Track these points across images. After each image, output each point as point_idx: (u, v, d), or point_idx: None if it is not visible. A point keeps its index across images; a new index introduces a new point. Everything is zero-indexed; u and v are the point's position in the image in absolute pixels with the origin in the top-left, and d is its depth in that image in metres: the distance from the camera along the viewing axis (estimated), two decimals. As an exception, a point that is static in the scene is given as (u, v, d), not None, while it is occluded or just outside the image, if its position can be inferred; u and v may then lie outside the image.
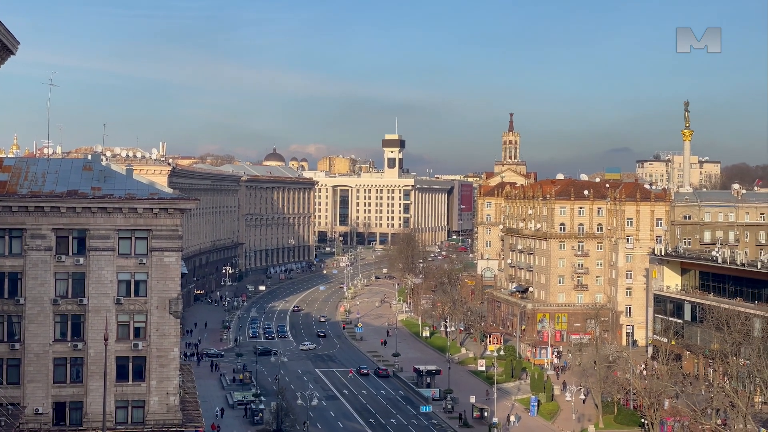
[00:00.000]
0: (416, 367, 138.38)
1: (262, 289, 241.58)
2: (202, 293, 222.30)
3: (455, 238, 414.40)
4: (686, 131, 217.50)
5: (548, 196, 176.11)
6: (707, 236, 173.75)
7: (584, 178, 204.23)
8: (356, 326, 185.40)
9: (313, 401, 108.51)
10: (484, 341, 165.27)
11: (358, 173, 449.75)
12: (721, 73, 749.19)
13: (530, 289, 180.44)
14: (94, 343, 69.81)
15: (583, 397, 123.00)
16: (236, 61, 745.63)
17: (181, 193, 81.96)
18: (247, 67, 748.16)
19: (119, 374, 70.97)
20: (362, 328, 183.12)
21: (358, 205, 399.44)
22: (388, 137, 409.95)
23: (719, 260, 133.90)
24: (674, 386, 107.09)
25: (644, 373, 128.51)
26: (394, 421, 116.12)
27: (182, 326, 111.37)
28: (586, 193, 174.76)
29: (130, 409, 71.38)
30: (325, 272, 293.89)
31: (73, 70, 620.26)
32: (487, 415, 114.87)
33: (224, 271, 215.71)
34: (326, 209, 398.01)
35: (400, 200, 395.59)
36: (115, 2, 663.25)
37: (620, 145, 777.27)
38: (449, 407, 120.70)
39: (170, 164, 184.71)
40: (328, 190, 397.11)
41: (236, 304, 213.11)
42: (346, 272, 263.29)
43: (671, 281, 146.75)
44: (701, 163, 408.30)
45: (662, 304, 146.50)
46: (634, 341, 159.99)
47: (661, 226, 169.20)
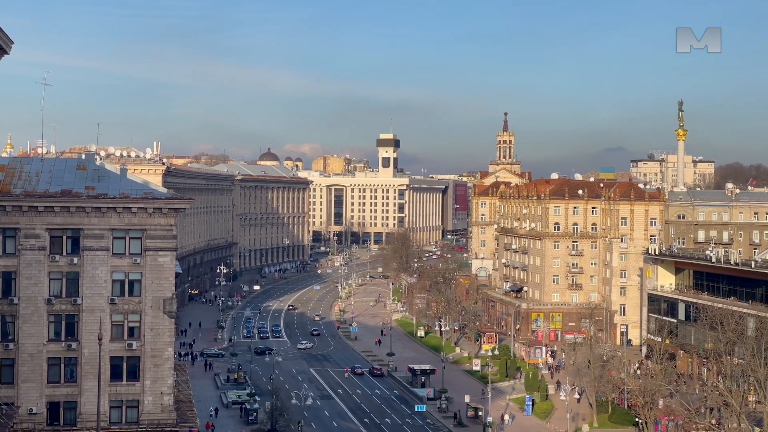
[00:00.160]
0: (411, 366, 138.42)
1: (256, 288, 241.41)
2: (196, 293, 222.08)
3: (450, 237, 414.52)
4: (680, 131, 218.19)
5: (543, 195, 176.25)
6: (701, 236, 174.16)
7: (578, 177, 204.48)
8: (351, 326, 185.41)
9: (307, 401, 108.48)
10: (478, 341, 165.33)
11: (352, 173, 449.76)
12: (714, 73, 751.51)
13: (525, 288, 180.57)
14: (88, 342, 69.72)
15: (577, 396, 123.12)
16: (231, 60, 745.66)
17: (175, 192, 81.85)
18: (241, 66, 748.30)
19: (113, 374, 70.85)
20: (357, 327, 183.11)
21: (352, 204, 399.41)
22: (382, 137, 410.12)
23: (713, 260, 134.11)
24: (668, 385, 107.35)
25: (638, 372, 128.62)
26: (388, 420, 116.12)
27: (177, 326, 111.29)
28: (580, 192, 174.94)
29: (124, 408, 71.31)
30: (319, 272, 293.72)
31: (67, 69, 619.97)
32: (481, 414, 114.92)
33: (219, 270, 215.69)
34: (321, 209, 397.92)
35: (394, 200, 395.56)
36: (109, 1, 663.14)
37: (614, 144, 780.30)
38: (444, 407, 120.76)
39: (164, 164, 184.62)
40: (322, 189, 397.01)
41: (231, 303, 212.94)
42: (340, 272, 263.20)
43: (665, 281, 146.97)
44: (695, 162, 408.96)
45: (656, 303, 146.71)
46: (628, 340, 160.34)
47: (655, 225, 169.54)
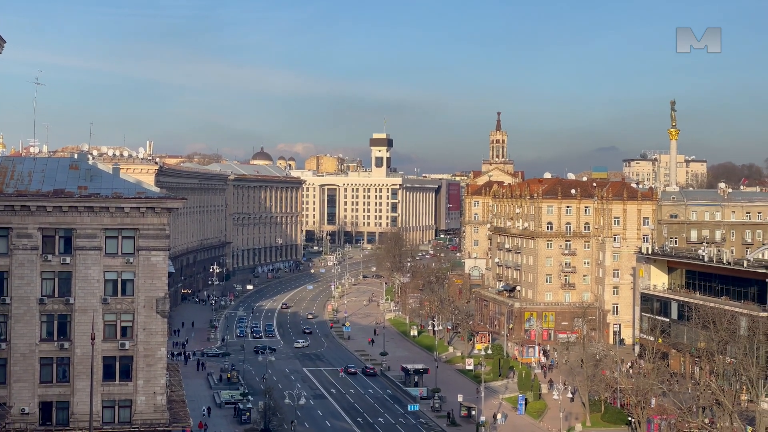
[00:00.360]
0: (404, 366, 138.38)
1: (249, 288, 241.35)
2: (189, 292, 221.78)
3: (443, 237, 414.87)
4: (673, 130, 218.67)
5: (535, 195, 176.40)
6: (694, 235, 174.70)
7: (571, 177, 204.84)
8: (344, 325, 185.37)
9: (300, 400, 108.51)
10: (471, 340, 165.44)
11: (345, 172, 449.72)
12: (707, 73, 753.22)
13: (517, 287, 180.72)
14: (80, 342, 69.56)
15: (570, 395, 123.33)
16: (224, 60, 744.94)
17: (168, 192, 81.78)
18: (234, 66, 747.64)
19: (106, 374, 70.71)
20: (350, 327, 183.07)
21: (345, 204, 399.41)
22: (375, 136, 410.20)
23: (705, 259, 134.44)
24: (661, 384, 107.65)
25: (631, 371, 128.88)
26: (381, 420, 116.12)
27: (169, 326, 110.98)
28: (573, 192, 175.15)
29: (117, 408, 71.16)
30: (312, 271, 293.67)
31: (60, 68, 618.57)
32: (474, 413, 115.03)
33: (211, 270, 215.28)
34: (314, 208, 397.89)
35: (387, 199, 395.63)
36: (103, 1, 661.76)
37: (607, 144, 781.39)
38: (437, 406, 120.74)
39: (157, 163, 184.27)
40: (315, 189, 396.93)
41: (223, 303, 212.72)
42: (333, 271, 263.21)
43: (658, 280, 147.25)
44: (688, 162, 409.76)
45: (649, 302, 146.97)
46: (621, 340, 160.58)
47: (647, 225, 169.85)
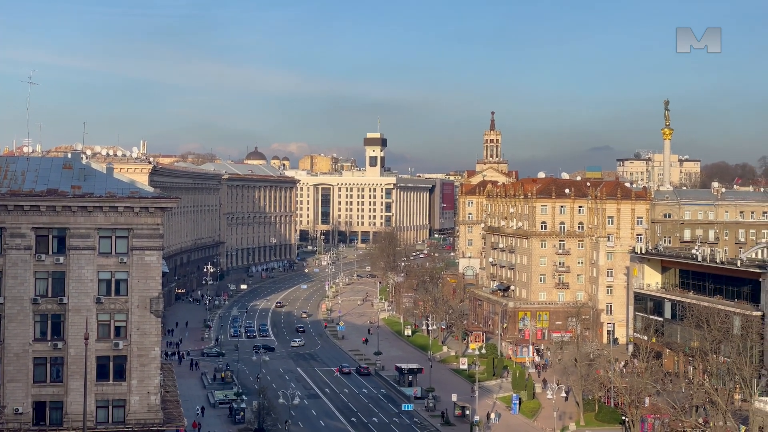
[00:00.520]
0: (398, 365, 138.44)
1: (243, 287, 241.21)
2: (183, 292, 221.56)
3: (437, 236, 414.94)
4: (666, 130, 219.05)
5: (529, 194, 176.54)
6: (687, 234, 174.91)
7: (565, 176, 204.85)
8: (338, 325, 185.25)
9: (294, 400, 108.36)
10: (465, 339, 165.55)
11: (339, 172, 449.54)
12: (700, 72, 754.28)
13: (511, 287, 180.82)
14: (74, 342, 69.42)
15: (564, 394, 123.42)
16: (218, 59, 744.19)
17: (162, 191, 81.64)
18: (228, 65, 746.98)
19: (100, 374, 70.59)
20: (344, 326, 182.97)
21: (339, 203, 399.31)
22: (369, 136, 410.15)
23: (699, 258, 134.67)
24: (654, 384, 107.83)
25: (625, 370, 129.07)
26: (375, 419, 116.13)
27: (163, 325, 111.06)
28: (567, 191, 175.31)
29: (110, 408, 71.03)
30: (306, 271, 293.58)
31: (53, 68, 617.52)
32: (468, 413, 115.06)
33: (205, 269, 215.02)
34: (308, 208, 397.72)
35: (381, 199, 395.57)
36: (96, 0, 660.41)
37: (601, 143, 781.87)
38: (431, 405, 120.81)
39: (151, 163, 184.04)
40: (309, 188, 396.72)
41: (217, 303, 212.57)
42: (327, 271, 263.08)
43: (651, 279, 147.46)
44: (681, 161, 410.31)
45: (643, 302, 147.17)
46: (614, 339, 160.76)
47: (641, 224, 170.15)
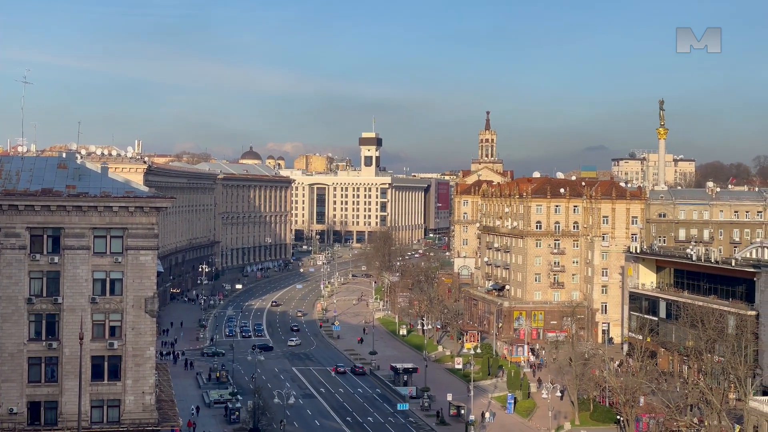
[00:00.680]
0: (393, 365, 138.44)
1: (238, 287, 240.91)
2: (178, 292, 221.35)
3: (432, 236, 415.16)
4: (661, 130, 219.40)
5: (524, 194, 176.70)
6: (682, 234, 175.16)
7: (560, 176, 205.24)
8: (333, 324, 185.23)
9: (289, 400, 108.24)
10: (460, 339, 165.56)
11: (335, 171, 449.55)
12: (695, 72, 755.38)
13: (507, 287, 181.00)
14: (69, 342, 69.30)
15: (559, 394, 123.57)
16: (213, 59, 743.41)
17: (157, 191, 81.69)
18: (224, 65, 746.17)
19: (94, 373, 70.43)
20: (339, 326, 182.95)
21: (334, 203, 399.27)
22: (365, 135, 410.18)
23: (694, 258, 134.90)
24: (649, 383, 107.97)
25: (619, 370, 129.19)
26: (371, 419, 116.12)
27: (158, 325, 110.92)
28: (562, 191, 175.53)
29: (105, 408, 70.90)
30: (301, 270, 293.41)
31: (48, 67, 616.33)
32: (464, 412, 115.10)
33: (200, 269, 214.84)
34: (303, 207, 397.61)
35: (377, 198, 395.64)
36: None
37: (596, 143, 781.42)
38: (426, 405, 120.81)
39: (146, 162, 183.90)
40: (305, 188, 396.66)
41: (213, 302, 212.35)
42: (323, 270, 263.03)
43: (646, 279, 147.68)
44: (676, 161, 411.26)
45: (637, 301, 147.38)
46: (609, 338, 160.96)
47: (636, 224, 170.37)
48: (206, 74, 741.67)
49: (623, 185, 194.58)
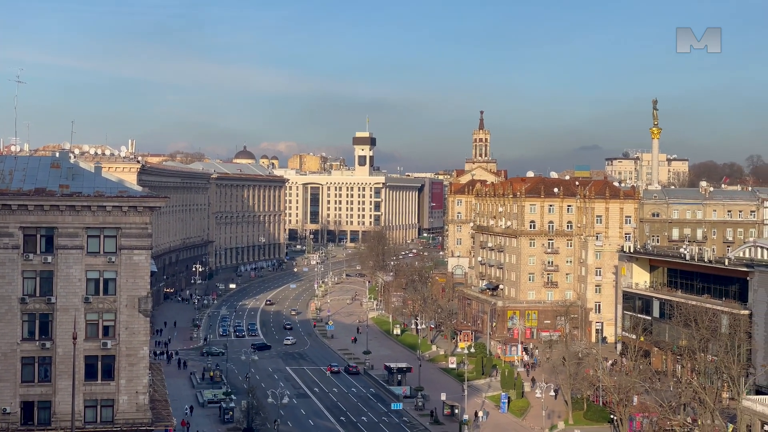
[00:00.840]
0: (387, 364, 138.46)
1: (232, 287, 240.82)
2: (171, 291, 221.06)
3: (426, 235, 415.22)
4: (654, 129, 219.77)
5: (518, 193, 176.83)
6: (675, 233, 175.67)
7: (554, 175, 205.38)
8: (327, 324, 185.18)
9: (283, 399, 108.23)
10: (454, 339, 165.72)
11: (328, 171, 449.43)
12: (689, 72, 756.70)
13: (500, 286, 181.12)
14: (62, 342, 69.12)
15: (553, 393, 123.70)
16: (207, 58, 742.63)
17: (150, 190, 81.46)
18: (217, 64, 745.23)
19: (88, 373, 70.28)
20: (333, 325, 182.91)
21: (328, 202, 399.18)
22: (358, 135, 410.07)
23: (687, 257, 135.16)
24: (643, 382, 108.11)
25: (613, 369, 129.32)
26: (365, 418, 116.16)
27: (152, 325, 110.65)
28: (555, 190, 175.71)
29: (99, 408, 70.71)
30: (295, 270, 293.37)
31: (41, 66, 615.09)
32: (457, 412, 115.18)
33: (194, 269, 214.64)
34: (297, 207, 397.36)
35: (370, 198, 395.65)
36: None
37: (589, 142, 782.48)
38: (420, 404, 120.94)
39: (139, 162, 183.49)
40: (298, 187, 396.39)
41: (206, 302, 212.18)
42: (316, 270, 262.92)
43: (640, 278, 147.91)
44: (669, 161, 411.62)
45: (631, 301, 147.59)
46: (603, 338, 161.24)
47: (629, 223, 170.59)
48: (200, 74, 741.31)
49: (617, 185, 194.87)
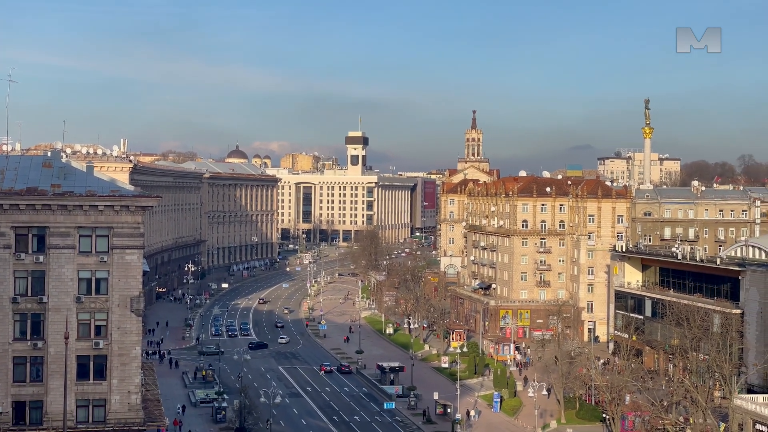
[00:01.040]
0: (379, 364, 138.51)
1: (224, 286, 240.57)
2: (164, 291, 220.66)
3: (418, 235, 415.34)
4: (647, 129, 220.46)
5: (511, 193, 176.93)
6: (667, 233, 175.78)
7: (546, 175, 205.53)
8: (319, 323, 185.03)
9: (276, 399, 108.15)
10: (447, 338, 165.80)
11: (321, 170, 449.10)
12: (681, 71, 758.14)
13: (493, 285, 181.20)
14: (54, 341, 68.94)
15: (545, 392, 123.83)
16: (199, 57, 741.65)
17: (142, 190, 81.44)
18: (210, 63, 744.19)
19: (80, 373, 70.11)
20: (325, 325, 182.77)
21: (321, 202, 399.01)
22: (351, 134, 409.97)
23: (679, 256, 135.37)
24: (635, 381, 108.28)
25: (605, 368, 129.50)
26: (357, 418, 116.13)
27: (144, 324, 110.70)
28: (548, 190, 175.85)
29: (91, 408, 70.55)
30: (288, 270, 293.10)
31: (33, 66, 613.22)
32: (450, 411, 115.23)
33: (187, 268, 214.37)
34: (289, 206, 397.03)
35: (363, 197, 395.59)
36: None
37: (581, 142, 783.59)
38: (413, 404, 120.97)
39: (131, 161, 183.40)
40: (291, 187, 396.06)
41: (199, 302, 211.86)
42: (309, 269, 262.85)
43: (632, 277, 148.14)
44: (661, 160, 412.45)
45: (623, 300, 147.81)
46: (595, 337, 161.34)
47: (622, 222, 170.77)
48: (192, 73, 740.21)
49: (609, 184, 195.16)
